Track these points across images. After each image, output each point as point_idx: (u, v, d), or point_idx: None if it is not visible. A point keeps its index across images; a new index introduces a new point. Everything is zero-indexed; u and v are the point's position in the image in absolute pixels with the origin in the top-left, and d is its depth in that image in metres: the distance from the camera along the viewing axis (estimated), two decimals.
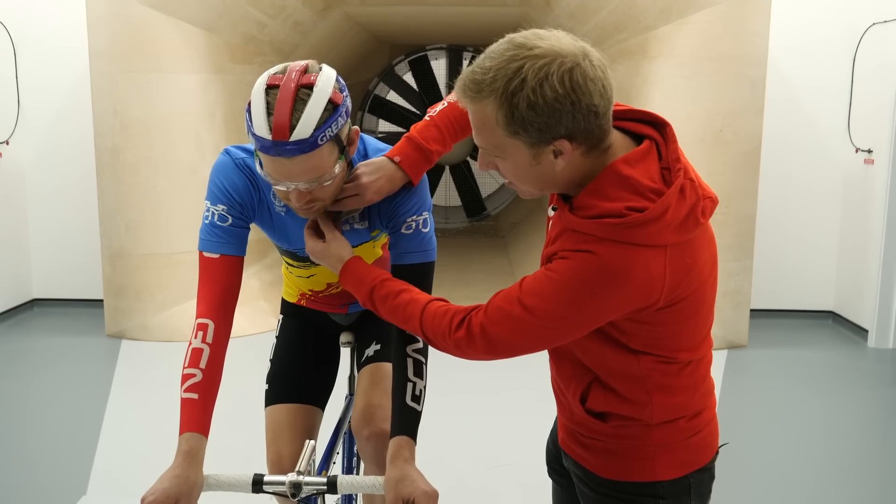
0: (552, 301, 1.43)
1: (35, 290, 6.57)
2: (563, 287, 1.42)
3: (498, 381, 4.77)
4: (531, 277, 1.48)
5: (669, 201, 1.39)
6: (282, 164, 1.59)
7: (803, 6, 6.05)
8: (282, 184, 1.64)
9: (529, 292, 1.45)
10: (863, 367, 5.36)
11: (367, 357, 2.31)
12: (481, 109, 1.40)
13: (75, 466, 3.73)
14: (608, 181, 1.42)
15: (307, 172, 1.62)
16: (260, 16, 5.83)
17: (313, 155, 1.59)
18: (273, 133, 1.56)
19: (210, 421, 1.68)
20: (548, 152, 1.41)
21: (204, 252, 1.80)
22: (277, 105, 1.57)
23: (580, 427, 1.66)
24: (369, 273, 1.71)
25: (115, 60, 5.45)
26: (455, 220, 10.12)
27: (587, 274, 1.40)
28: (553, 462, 1.88)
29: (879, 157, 5.72)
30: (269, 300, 5.95)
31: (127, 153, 5.53)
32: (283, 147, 1.56)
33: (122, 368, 5.13)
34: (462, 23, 7.23)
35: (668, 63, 5.36)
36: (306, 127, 1.56)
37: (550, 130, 1.36)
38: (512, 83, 1.34)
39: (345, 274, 1.74)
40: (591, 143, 1.42)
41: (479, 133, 1.44)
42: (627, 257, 1.39)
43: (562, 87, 1.33)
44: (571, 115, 1.35)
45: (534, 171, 1.45)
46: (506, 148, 1.42)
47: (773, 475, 3.75)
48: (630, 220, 1.37)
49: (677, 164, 1.45)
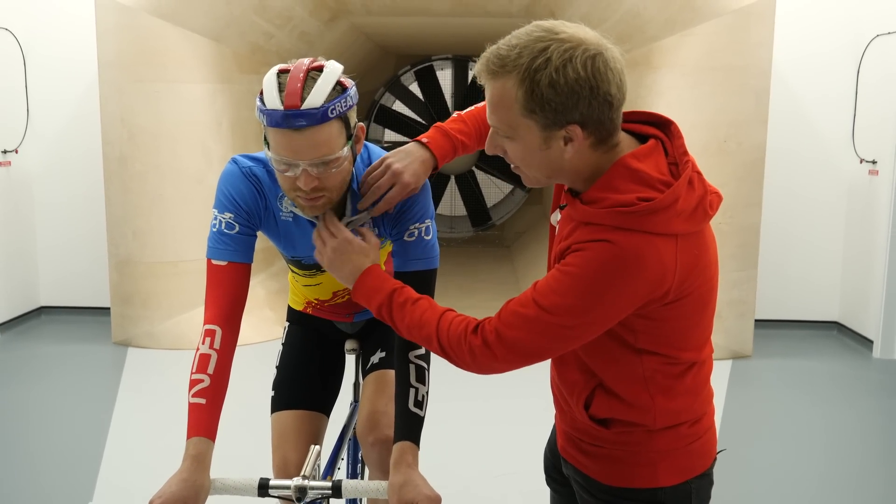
0: (569, 294, 1.43)
1: (42, 297, 6.60)
2: (579, 279, 1.43)
3: (502, 389, 4.78)
4: (544, 279, 1.49)
5: (679, 191, 1.44)
6: (291, 138, 1.62)
7: (807, 17, 6.07)
8: (290, 165, 1.66)
9: (544, 291, 1.46)
10: (868, 377, 5.36)
11: (372, 364, 2.33)
12: (501, 85, 1.43)
13: (82, 473, 3.75)
14: (618, 175, 1.46)
15: (317, 147, 1.64)
16: (267, 26, 5.88)
17: (322, 129, 1.63)
18: (285, 103, 1.60)
19: (217, 426, 1.70)
20: (559, 137, 1.43)
21: (212, 259, 1.82)
22: (289, 81, 1.63)
23: (582, 434, 1.67)
24: (388, 279, 1.69)
25: (123, 70, 5.49)
26: (460, 230, 10.14)
27: (603, 262, 1.41)
28: (551, 470, 1.88)
29: (883, 167, 5.72)
30: (274, 309, 5.98)
31: (135, 162, 5.57)
32: (295, 116, 1.60)
33: (129, 376, 5.15)
34: (467, 33, 7.27)
35: (673, 73, 5.38)
36: (317, 97, 1.61)
37: (566, 113, 1.40)
38: (536, 61, 1.38)
39: (364, 278, 1.69)
40: (600, 136, 1.45)
41: (495, 110, 1.46)
42: (641, 245, 1.41)
43: (584, 71, 1.37)
44: (588, 100, 1.39)
45: (542, 157, 1.47)
46: (518, 128, 1.45)
47: (777, 485, 3.74)
48: (643, 207, 1.41)
49: (685, 157, 1.50)
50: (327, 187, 1.71)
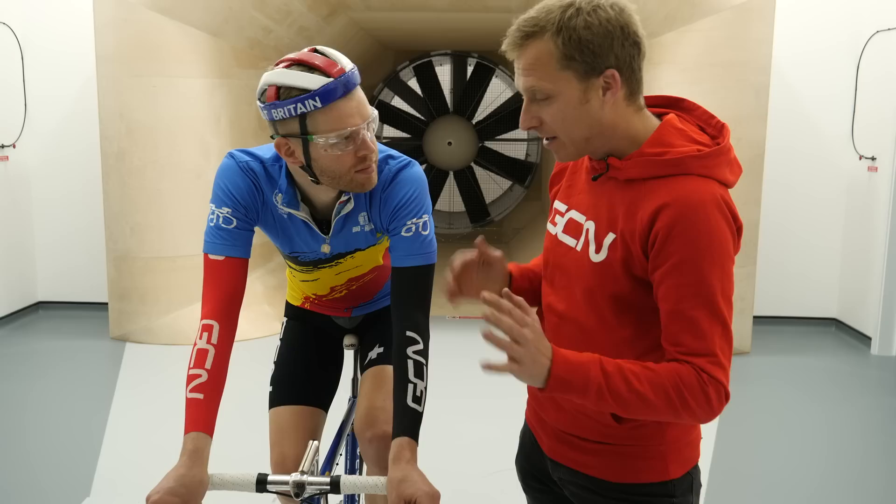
0: (714, 272, 1.48)
1: (40, 292, 6.60)
2: (703, 250, 1.44)
3: (496, 387, 4.78)
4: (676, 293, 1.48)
5: (729, 142, 1.52)
6: (346, 105, 1.68)
7: (807, 14, 6.06)
8: (354, 135, 1.70)
9: (701, 295, 1.50)
10: (866, 374, 5.36)
11: (370, 360, 2.32)
12: (535, 45, 1.45)
13: (79, 468, 3.75)
14: (668, 133, 1.50)
15: (365, 106, 1.74)
16: (266, 21, 5.86)
17: (360, 89, 1.72)
18: (333, 73, 1.66)
19: (215, 421, 1.69)
20: (597, 87, 1.46)
21: (209, 254, 1.81)
22: (312, 61, 1.68)
23: (585, 432, 1.61)
24: (576, 355, 1.43)
25: (121, 65, 5.48)
26: (459, 226, 10.13)
27: (706, 210, 1.42)
28: (528, 477, 1.82)
29: (883, 164, 5.72)
30: (272, 304, 5.97)
31: (133, 157, 5.56)
32: (347, 80, 1.68)
33: (126, 371, 5.14)
34: (466, 29, 7.26)
35: (672, 69, 5.37)
36: (346, 61, 1.71)
37: (603, 56, 1.44)
38: (567, 12, 1.44)
39: (562, 366, 1.40)
40: (632, 87, 1.49)
41: (532, 71, 1.47)
42: (715, 188, 1.46)
43: (613, 12, 1.44)
44: (621, 41, 1.44)
45: (582, 112, 1.47)
46: (558, 82, 1.45)
47: (776, 482, 3.75)
48: (716, 149, 1.47)
49: (713, 118, 1.58)
50: (375, 150, 1.80)
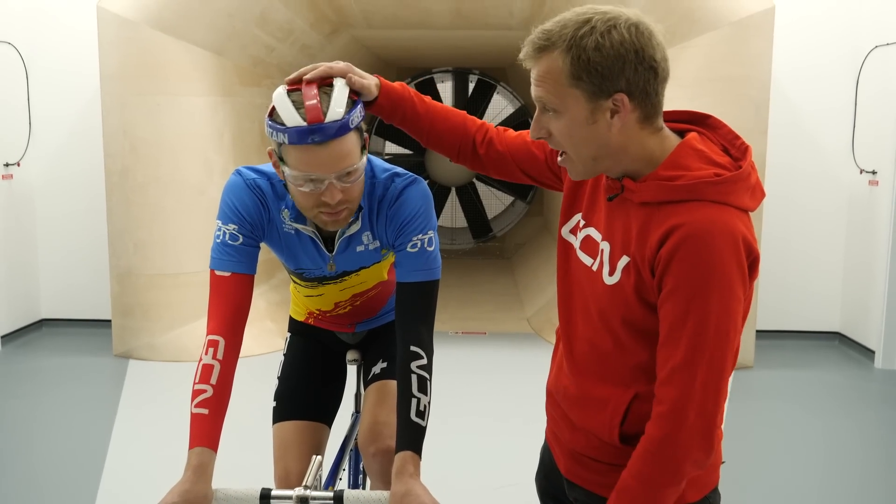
0: (712, 304, 1.37)
1: (43, 309, 6.61)
2: (706, 278, 1.36)
3: (502, 404, 4.78)
4: (668, 328, 1.41)
5: (750, 166, 1.45)
6: (316, 153, 1.65)
7: (806, 29, 6.10)
8: (315, 181, 1.68)
9: (688, 328, 1.39)
10: (869, 388, 5.35)
11: (373, 375, 2.33)
12: (547, 59, 1.43)
13: (83, 485, 3.74)
14: (685, 154, 1.45)
15: (341, 159, 1.68)
16: (268, 39, 5.91)
17: (345, 140, 1.67)
18: (308, 118, 1.63)
19: (219, 436, 1.70)
20: (605, 109, 1.42)
21: (215, 270, 1.83)
22: (305, 99, 1.65)
23: (600, 454, 1.58)
24: None
25: (125, 83, 5.52)
26: (461, 242, 10.16)
27: (713, 239, 1.37)
28: (546, 496, 1.81)
29: (884, 178, 5.73)
30: (275, 320, 5.98)
31: (136, 174, 5.59)
32: (320, 130, 1.63)
33: (130, 388, 5.14)
34: (467, 46, 7.31)
35: (672, 85, 5.29)
36: (338, 108, 1.65)
37: (612, 79, 1.39)
38: (581, 30, 1.40)
39: None
40: (646, 110, 1.44)
41: (542, 83, 1.45)
42: (727, 217, 1.39)
43: (628, 34, 1.39)
44: (634, 65, 1.39)
45: (589, 132, 1.44)
46: (566, 99, 1.43)
47: (778, 497, 3.73)
48: (730, 176, 1.41)
49: (737, 139, 1.51)
50: (350, 199, 1.76)
